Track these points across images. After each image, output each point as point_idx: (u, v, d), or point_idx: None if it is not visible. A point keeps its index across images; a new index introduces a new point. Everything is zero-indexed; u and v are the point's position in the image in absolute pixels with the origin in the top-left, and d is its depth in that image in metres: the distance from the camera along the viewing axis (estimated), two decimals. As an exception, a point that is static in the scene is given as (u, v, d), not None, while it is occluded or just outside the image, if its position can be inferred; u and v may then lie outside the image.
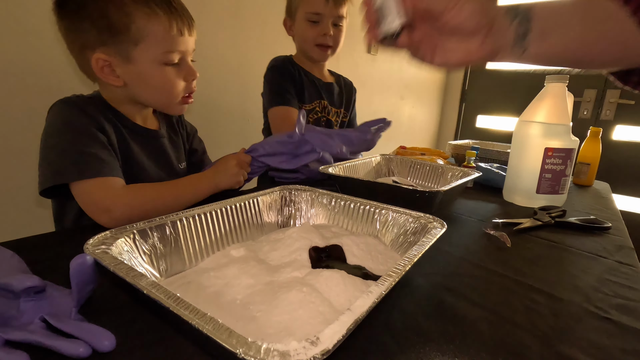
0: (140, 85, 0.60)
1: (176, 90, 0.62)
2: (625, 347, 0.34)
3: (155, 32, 0.56)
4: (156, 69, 0.59)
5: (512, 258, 0.52)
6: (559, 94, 0.77)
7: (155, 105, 0.65)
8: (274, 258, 0.44)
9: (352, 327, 0.24)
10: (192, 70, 0.63)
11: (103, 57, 0.56)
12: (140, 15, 0.55)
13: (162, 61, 0.59)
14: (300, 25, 1.00)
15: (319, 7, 0.96)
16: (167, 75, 0.60)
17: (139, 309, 0.34)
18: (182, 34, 0.59)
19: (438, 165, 0.91)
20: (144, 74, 0.59)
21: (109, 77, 0.58)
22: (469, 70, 2.55)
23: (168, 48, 0.58)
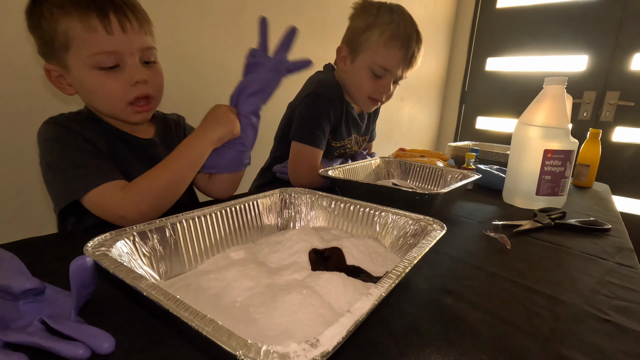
0: (83, 93, 0.57)
1: (114, 96, 0.56)
2: (625, 349, 0.34)
3: (76, 34, 0.51)
4: (88, 74, 0.54)
5: (512, 260, 0.52)
6: (558, 96, 0.77)
7: (107, 112, 0.60)
8: (273, 260, 0.44)
9: (352, 329, 0.24)
10: (135, 72, 0.55)
11: (51, 68, 0.55)
12: (58, 18, 0.51)
13: (92, 65, 0.53)
14: (360, 70, 0.88)
15: (391, 65, 0.86)
16: (97, 80, 0.54)
17: (138, 311, 0.34)
18: (111, 33, 0.52)
19: (438, 167, 0.91)
20: (80, 81, 0.55)
21: (64, 87, 0.57)
22: (468, 71, 2.56)
23: (94, 50, 0.52)
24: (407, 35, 0.85)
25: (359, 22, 0.87)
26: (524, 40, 2.27)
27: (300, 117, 0.90)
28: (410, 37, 0.85)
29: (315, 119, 0.88)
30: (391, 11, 0.86)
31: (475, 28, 2.49)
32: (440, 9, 2.36)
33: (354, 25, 0.89)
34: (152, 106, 0.62)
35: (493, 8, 2.40)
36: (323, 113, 0.88)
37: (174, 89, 1.09)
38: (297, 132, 0.89)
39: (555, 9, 2.15)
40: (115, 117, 0.61)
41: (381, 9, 0.86)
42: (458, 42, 2.57)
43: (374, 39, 0.85)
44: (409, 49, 0.85)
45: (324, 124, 0.88)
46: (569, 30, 2.11)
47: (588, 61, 2.08)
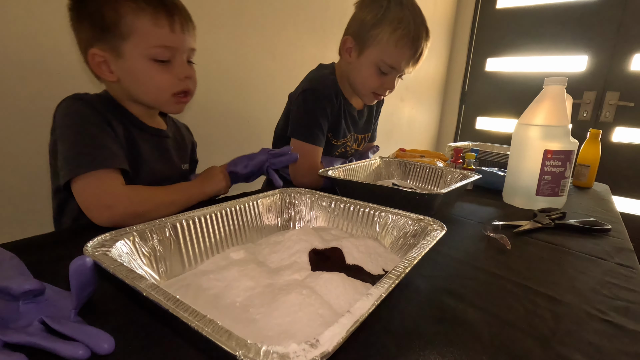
0: (130, 81, 0.61)
1: (163, 86, 0.62)
2: (625, 350, 0.34)
3: (143, 27, 0.57)
4: (144, 63, 0.59)
5: (512, 260, 0.52)
6: (558, 96, 0.77)
7: (146, 101, 0.64)
8: (273, 260, 0.44)
9: (352, 330, 0.24)
10: (184, 68, 0.63)
11: (98, 53, 0.58)
12: (128, 10, 0.56)
13: (149, 56, 0.59)
14: (366, 65, 0.87)
15: (399, 64, 0.84)
16: (153, 70, 0.60)
17: (138, 311, 0.34)
18: (173, 31, 0.59)
19: (438, 167, 0.91)
20: (132, 69, 0.60)
21: (105, 73, 0.60)
22: (468, 72, 2.56)
23: (155, 43, 0.58)
24: (418, 34, 0.83)
25: (368, 14, 0.84)
26: (524, 40, 2.27)
27: (297, 114, 0.89)
28: (420, 36, 0.84)
29: (312, 116, 0.87)
30: (402, 5, 0.83)
31: (475, 28, 2.49)
32: (440, 9, 2.36)
33: (361, 16, 0.86)
34: (189, 100, 0.68)
35: (493, 8, 2.41)
36: (320, 109, 0.87)
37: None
38: (294, 129, 0.88)
39: (555, 10, 2.15)
40: (154, 105, 0.66)
41: (392, 1, 0.83)
42: (458, 43, 2.57)
43: (384, 37, 0.83)
44: (419, 48, 0.84)
45: (321, 121, 0.88)
46: (568, 31, 2.11)
47: (588, 61, 2.08)
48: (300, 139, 0.87)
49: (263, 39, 1.31)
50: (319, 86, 0.89)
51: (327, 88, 0.89)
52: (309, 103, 0.88)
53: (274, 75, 1.37)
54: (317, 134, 0.87)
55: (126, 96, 0.64)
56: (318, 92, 0.88)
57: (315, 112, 0.87)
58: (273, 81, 1.34)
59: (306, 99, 0.88)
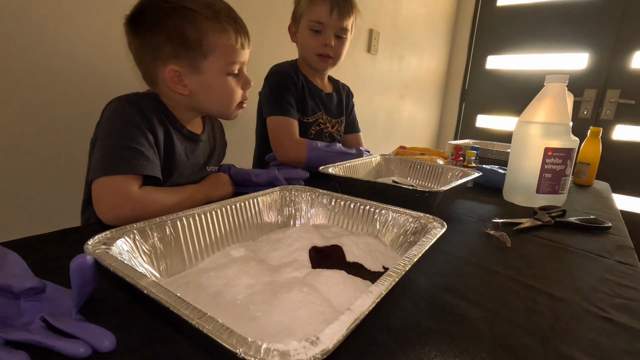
0: (205, 94, 0.65)
1: (235, 97, 0.67)
2: (625, 347, 0.34)
3: (224, 46, 0.61)
4: (220, 78, 0.64)
5: (512, 258, 0.52)
6: (559, 94, 0.77)
7: (215, 111, 0.69)
8: (274, 258, 0.44)
9: (352, 327, 0.24)
10: (248, 80, 0.68)
11: (175, 69, 0.60)
12: (212, 31, 0.60)
13: (225, 71, 0.63)
14: (303, 33, 0.99)
15: (322, 17, 0.95)
16: (229, 84, 0.65)
17: (139, 309, 0.34)
18: (244, 48, 0.65)
19: (438, 165, 0.91)
20: (209, 83, 0.63)
21: (177, 87, 0.62)
22: (469, 69, 2.56)
23: (232, 60, 0.63)
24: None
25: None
26: (524, 38, 2.27)
27: (264, 96, 0.99)
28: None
29: (278, 92, 0.97)
30: None
31: (476, 26, 2.49)
32: (440, 6, 2.36)
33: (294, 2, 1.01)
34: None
35: (493, 6, 2.40)
36: (282, 85, 0.97)
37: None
38: (266, 109, 0.97)
39: (555, 7, 2.14)
40: (221, 115, 0.70)
41: None
42: (458, 40, 2.56)
43: (303, 3, 0.97)
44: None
45: (287, 95, 0.97)
46: (569, 28, 2.11)
47: (588, 59, 2.07)
48: (273, 114, 0.95)
49: (263, 37, 1.31)
50: (278, 68, 1.01)
51: (286, 68, 1.00)
52: (273, 84, 0.98)
53: (274, 73, 1.37)
54: (286, 107, 0.95)
55: (184, 106, 0.67)
56: (278, 73, 1.00)
57: (280, 89, 0.97)
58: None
59: (270, 82, 0.99)
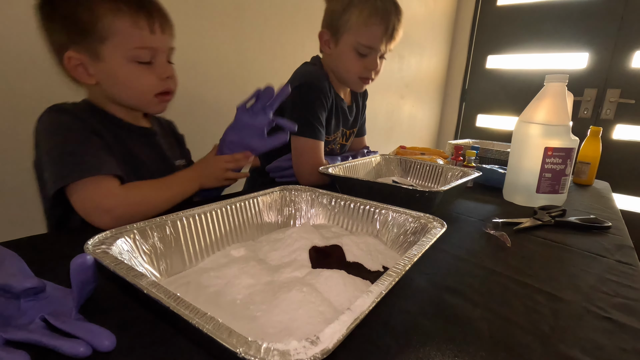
0: (112, 83, 0.60)
1: (145, 87, 0.61)
2: (625, 347, 0.34)
3: (122, 28, 0.56)
4: (125, 66, 0.58)
5: (512, 258, 0.52)
6: (559, 94, 0.77)
7: (129, 103, 0.63)
8: (274, 258, 0.44)
9: (352, 327, 0.24)
10: (166, 68, 0.62)
11: (75, 56, 0.56)
12: (105, 12, 0.55)
13: (130, 58, 0.58)
14: (345, 52, 0.88)
15: (374, 42, 0.86)
16: (135, 72, 0.59)
17: (139, 309, 0.34)
18: (153, 32, 0.58)
19: (438, 165, 0.91)
20: (113, 71, 0.58)
21: (83, 76, 0.58)
22: (469, 69, 2.55)
23: (136, 44, 0.57)
24: (386, 9, 0.85)
25: (336, 4, 0.88)
26: (524, 37, 2.27)
27: (294, 110, 0.87)
28: (389, 11, 0.85)
29: (311, 110, 0.86)
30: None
31: (476, 25, 2.48)
32: (440, 6, 2.35)
33: (331, 7, 0.89)
34: (170, 99, 0.67)
35: (493, 5, 2.40)
36: (318, 103, 0.87)
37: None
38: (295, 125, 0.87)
39: (555, 6, 2.14)
40: (136, 106, 0.64)
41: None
42: (458, 40, 2.56)
43: (353, 20, 0.85)
44: (389, 22, 0.85)
45: (320, 114, 0.87)
46: (569, 28, 2.10)
47: (589, 59, 2.07)
48: (302, 135, 0.85)
49: (264, 38, 1.31)
50: (314, 80, 0.88)
51: (322, 82, 0.89)
52: (305, 97, 0.87)
53: (275, 74, 1.37)
54: (317, 128, 0.86)
55: (107, 99, 0.63)
56: (314, 85, 0.88)
57: (313, 106, 0.87)
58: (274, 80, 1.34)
59: (302, 94, 0.87)
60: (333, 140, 0.99)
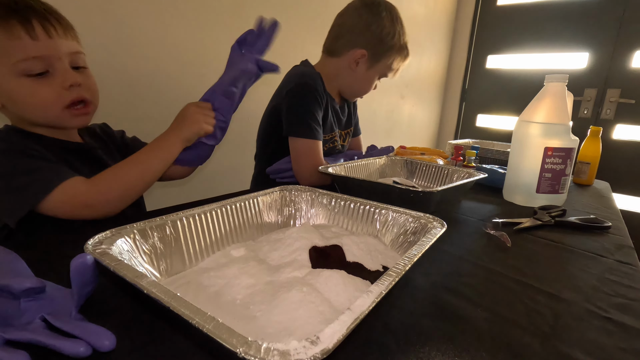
0: (11, 104, 0.54)
1: (44, 101, 0.54)
2: (625, 347, 0.34)
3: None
4: (15, 82, 0.51)
5: (512, 258, 0.52)
6: (559, 93, 0.77)
7: (39, 121, 0.57)
8: (274, 258, 0.44)
9: (352, 327, 0.24)
10: (68, 76, 0.54)
11: None
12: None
13: (19, 73, 0.51)
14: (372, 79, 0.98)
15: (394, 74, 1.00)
16: (28, 87, 0.52)
17: (139, 309, 0.34)
18: (35, 38, 0.51)
19: (444, 167, 0.91)
20: (6, 90, 0.52)
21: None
22: (469, 69, 2.55)
23: (18, 57, 0.50)
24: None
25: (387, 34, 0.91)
26: (524, 37, 2.27)
27: (290, 111, 0.87)
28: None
29: (307, 110, 0.86)
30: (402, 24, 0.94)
31: (476, 25, 2.48)
32: (440, 6, 2.35)
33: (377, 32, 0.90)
34: (90, 110, 0.60)
35: (493, 5, 2.40)
36: (313, 103, 0.87)
37: (174, 89, 1.09)
38: (291, 126, 0.87)
39: (556, 6, 2.14)
40: (50, 124, 0.58)
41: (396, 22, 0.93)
42: (458, 40, 2.56)
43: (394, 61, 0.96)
44: None
45: (316, 114, 0.88)
46: (569, 28, 2.10)
47: (589, 58, 2.07)
48: (300, 136, 0.85)
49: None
50: (309, 80, 0.89)
51: (316, 82, 0.90)
52: (302, 98, 0.87)
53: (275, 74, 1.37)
54: (315, 127, 0.86)
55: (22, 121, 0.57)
56: (309, 86, 0.88)
57: (310, 105, 0.87)
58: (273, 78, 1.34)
59: (298, 94, 0.87)
60: (330, 139, 0.99)
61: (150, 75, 1.02)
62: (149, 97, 1.03)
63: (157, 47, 1.03)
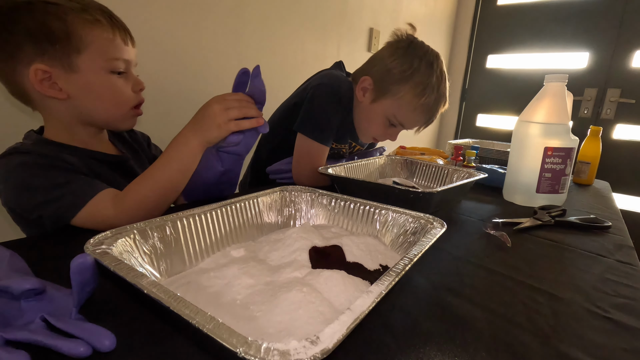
0: (87, 96, 0.57)
1: (125, 98, 0.60)
2: (625, 346, 0.34)
3: (99, 38, 0.55)
4: (103, 77, 0.57)
5: (512, 258, 0.52)
6: (559, 93, 0.77)
7: (106, 117, 0.60)
8: (274, 258, 0.44)
9: (352, 327, 0.24)
10: (139, 81, 0.62)
11: (43, 68, 0.52)
12: (82, 22, 0.53)
13: (108, 69, 0.57)
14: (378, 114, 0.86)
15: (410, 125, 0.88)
16: (115, 83, 0.58)
17: (139, 309, 0.34)
18: (126, 44, 0.59)
19: (445, 167, 0.91)
20: (90, 83, 0.56)
21: (50, 91, 0.54)
22: (469, 69, 2.55)
23: (113, 55, 0.57)
24: (437, 104, 0.85)
25: (396, 66, 0.83)
26: (524, 37, 2.27)
27: (309, 108, 0.83)
28: (438, 107, 0.85)
29: (326, 114, 0.83)
30: (432, 68, 0.82)
31: (476, 25, 2.48)
32: (440, 6, 2.36)
33: (388, 64, 0.84)
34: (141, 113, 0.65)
35: (494, 5, 2.40)
36: (334, 109, 0.84)
37: (174, 89, 1.09)
38: (304, 123, 0.83)
39: (556, 6, 2.14)
40: (113, 121, 0.62)
41: (423, 60, 0.82)
42: (458, 39, 2.56)
43: (405, 97, 0.82)
44: (433, 116, 0.86)
45: (333, 120, 0.84)
46: (569, 28, 2.11)
47: (589, 58, 2.07)
48: (309, 136, 0.82)
49: (263, 36, 1.31)
50: (336, 84, 0.85)
51: (344, 89, 0.86)
52: (323, 99, 0.83)
53: (274, 72, 1.37)
54: (327, 133, 0.83)
55: (72, 121, 0.59)
56: (334, 89, 0.84)
57: (328, 109, 0.83)
58: (273, 77, 1.34)
59: (321, 94, 0.83)
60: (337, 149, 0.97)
61: (150, 76, 1.02)
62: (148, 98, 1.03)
63: (157, 47, 1.03)
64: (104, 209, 0.52)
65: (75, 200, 0.51)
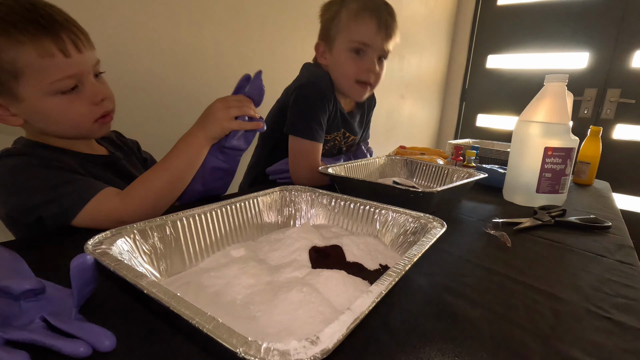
0: (40, 121, 0.54)
1: (79, 117, 0.55)
2: (625, 347, 0.34)
3: (30, 62, 0.48)
4: (49, 101, 0.51)
5: (512, 258, 0.52)
6: (559, 93, 0.77)
7: (68, 135, 0.57)
8: (274, 258, 0.44)
9: (352, 327, 0.24)
10: (97, 90, 0.55)
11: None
12: (7, 46, 0.47)
13: (52, 92, 0.51)
14: (340, 55, 0.86)
15: (367, 37, 0.83)
16: (62, 105, 0.52)
17: (139, 309, 0.34)
18: (68, 55, 0.50)
19: (445, 166, 0.91)
20: (38, 109, 0.52)
21: (6, 119, 0.52)
22: (469, 69, 2.55)
23: (54, 77, 0.50)
24: (375, 5, 0.85)
25: (327, 14, 0.89)
26: (524, 37, 2.27)
27: (295, 109, 0.86)
28: (378, 6, 0.85)
29: (312, 111, 0.85)
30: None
31: (476, 25, 2.48)
32: (440, 5, 2.35)
33: (323, 19, 0.90)
34: (111, 119, 0.61)
35: (494, 5, 2.40)
36: (319, 104, 0.86)
37: (174, 89, 1.09)
38: (293, 125, 0.85)
39: (556, 6, 2.14)
40: (79, 137, 0.59)
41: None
42: (458, 39, 2.56)
43: (343, 19, 0.84)
44: (381, 16, 0.84)
45: (321, 116, 0.85)
46: (569, 28, 2.10)
47: (589, 58, 2.07)
48: (300, 136, 0.84)
49: (263, 36, 1.31)
50: (318, 81, 0.87)
51: (326, 84, 0.88)
52: (308, 97, 0.85)
53: (274, 72, 1.37)
54: (317, 129, 0.84)
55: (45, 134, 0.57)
56: (317, 86, 0.86)
57: (315, 107, 0.85)
58: (273, 77, 1.34)
59: (305, 94, 0.86)
60: (332, 138, 0.98)
61: (150, 76, 1.02)
62: (148, 98, 1.03)
63: (157, 47, 1.03)
64: (109, 203, 0.51)
65: (78, 198, 0.50)
